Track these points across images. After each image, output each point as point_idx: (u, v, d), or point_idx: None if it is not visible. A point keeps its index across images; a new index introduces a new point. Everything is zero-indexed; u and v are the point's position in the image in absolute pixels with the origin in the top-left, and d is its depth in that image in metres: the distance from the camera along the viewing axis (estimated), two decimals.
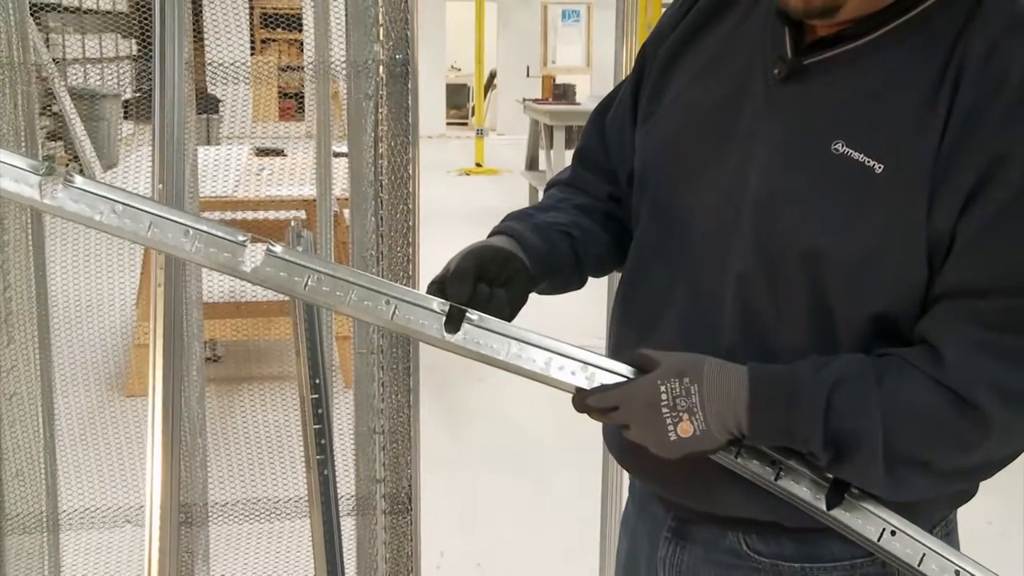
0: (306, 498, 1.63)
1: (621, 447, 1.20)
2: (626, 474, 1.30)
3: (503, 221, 1.20)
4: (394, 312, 1.04)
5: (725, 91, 1.10)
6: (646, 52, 1.24)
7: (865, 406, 0.96)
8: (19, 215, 2.04)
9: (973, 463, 1.00)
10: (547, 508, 3.45)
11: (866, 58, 1.01)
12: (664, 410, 0.98)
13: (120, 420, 2.70)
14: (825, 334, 1.02)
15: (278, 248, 1.04)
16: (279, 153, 4.56)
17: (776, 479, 1.01)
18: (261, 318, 4.12)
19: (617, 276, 1.31)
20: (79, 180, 1.03)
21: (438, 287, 1.06)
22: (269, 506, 2.29)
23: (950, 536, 1.14)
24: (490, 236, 1.18)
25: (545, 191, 1.33)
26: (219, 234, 1.04)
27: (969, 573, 1.00)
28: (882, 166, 0.97)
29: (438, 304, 1.04)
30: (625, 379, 1.02)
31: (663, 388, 0.99)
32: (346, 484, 1.89)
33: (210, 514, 2.17)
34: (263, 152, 4.55)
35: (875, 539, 1.01)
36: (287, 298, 1.64)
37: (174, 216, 1.04)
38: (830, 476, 1.01)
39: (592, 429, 1.25)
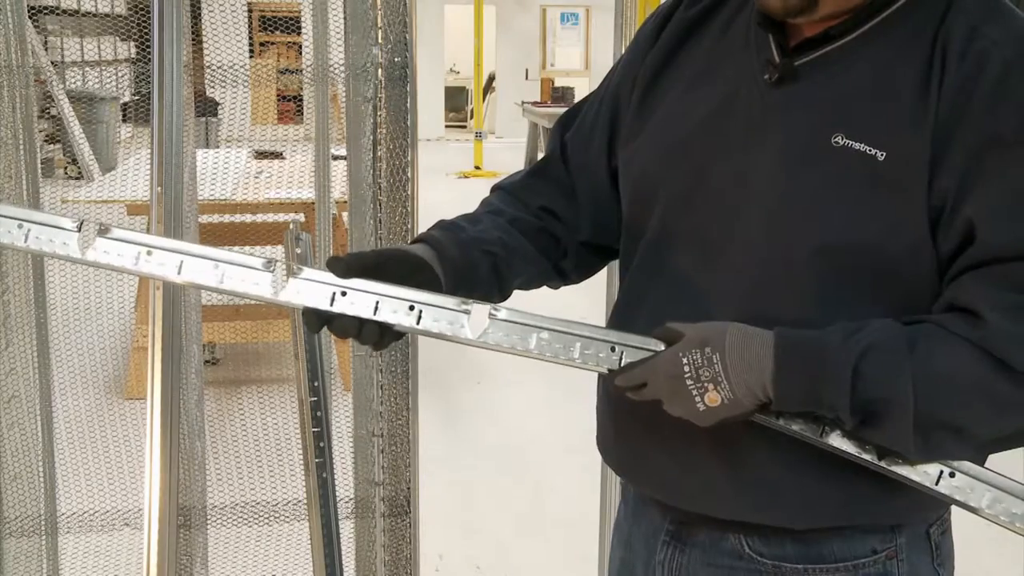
0: (305, 501, 1.63)
1: (616, 454, 1.20)
2: None
3: (430, 228, 1.18)
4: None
5: (717, 102, 1.10)
6: (619, 85, 1.23)
7: (896, 372, 0.95)
8: None
9: (1010, 429, 0.99)
10: (546, 510, 3.45)
11: (854, 53, 1.03)
12: (688, 382, 0.98)
13: (119, 423, 2.70)
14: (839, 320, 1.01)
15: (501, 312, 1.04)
16: (278, 156, 4.55)
17: (822, 435, 1.00)
18: (260, 321, 4.11)
19: (616, 278, 1.30)
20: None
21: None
22: (268, 509, 2.29)
23: (945, 535, 1.14)
24: (412, 243, 1.16)
25: (491, 191, 1.31)
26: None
27: None
28: (884, 154, 0.98)
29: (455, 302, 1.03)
30: (651, 354, 1.02)
31: (685, 360, 0.98)
32: (345, 487, 1.89)
33: (209, 517, 2.17)
34: (262, 155, 4.55)
35: (932, 484, 0.99)
36: None
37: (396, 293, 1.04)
38: None
39: (591, 431, 1.25)
